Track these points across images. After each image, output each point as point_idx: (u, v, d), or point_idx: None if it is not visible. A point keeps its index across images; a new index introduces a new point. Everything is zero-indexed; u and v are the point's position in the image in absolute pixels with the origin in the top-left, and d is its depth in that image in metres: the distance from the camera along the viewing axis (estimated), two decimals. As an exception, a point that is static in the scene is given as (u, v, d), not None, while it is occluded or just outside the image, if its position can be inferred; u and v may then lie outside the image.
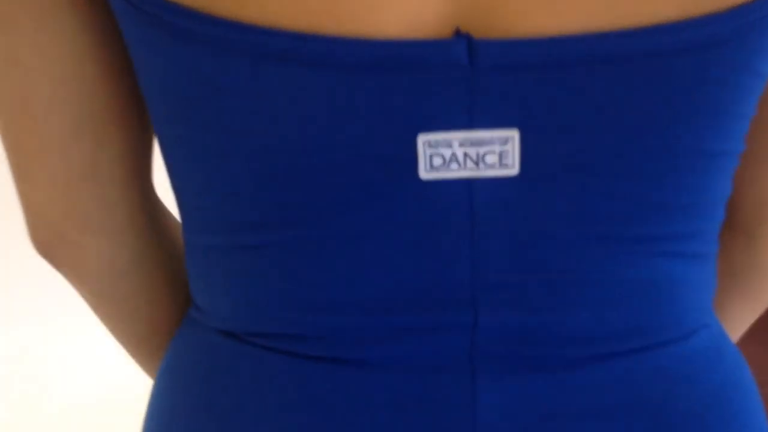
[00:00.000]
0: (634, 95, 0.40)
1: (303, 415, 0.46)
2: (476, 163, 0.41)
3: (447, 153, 0.40)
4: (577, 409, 0.45)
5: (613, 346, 0.46)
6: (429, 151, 0.40)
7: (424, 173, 0.41)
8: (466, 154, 0.40)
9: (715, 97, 0.41)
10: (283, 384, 0.47)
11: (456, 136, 0.40)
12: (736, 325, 0.62)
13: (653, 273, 0.45)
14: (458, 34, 0.38)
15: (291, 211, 0.43)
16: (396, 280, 0.44)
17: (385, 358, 0.45)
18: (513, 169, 0.41)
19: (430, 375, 0.45)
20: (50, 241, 0.51)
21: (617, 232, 0.43)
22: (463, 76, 0.39)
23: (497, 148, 0.40)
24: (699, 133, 0.42)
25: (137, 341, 0.59)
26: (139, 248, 0.53)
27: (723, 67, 0.40)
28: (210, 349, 0.50)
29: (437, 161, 0.41)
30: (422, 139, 0.40)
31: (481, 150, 0.40)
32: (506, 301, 0.44)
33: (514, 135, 0.40)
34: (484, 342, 0.45)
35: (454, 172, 0.41)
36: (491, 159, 0.41)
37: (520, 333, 0.45)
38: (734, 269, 0.57)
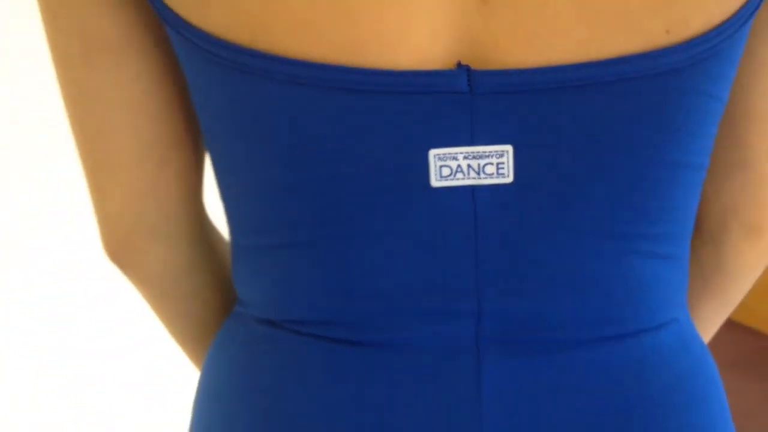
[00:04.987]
0: (608, 115, 0.45)
1: (333, 391, 0.52)
2: (477, 173, 0.46)
3: (453, 165, 0.46)
4: (563, 386, 0.51)
5: (593, 332, 0.50)
6: (439, 163, 0.46)
7: (435, 182, 0.47)
8: (469, 166, 0.46)
9: (677, 117, 0.46)
10: (315, 365, 0.52)
11: (461, 150, 0.46)
12: (708, 325, 0.67)
13: (628, 269, 0.50)
14: (459, 66, 0.45)
15: (321, 213, 0.49)
16: (411, 273, 0.49)
17: (402, 342, 0.51)
18: (508, 177, 0.46)
19: (441, 356, 0.51)
20: (119, 248, 0.58)
21: (597, 231, 0.48)
22: (465, 101, 0.45)
23: (495, 160, 0.46)
24: (664, 147, 0.47)
25: (189, 337, 0.66)
26: (193, 255, 0.61)
27: (681, 91, 0.45)
28: (251, 336, 0.56)
29: (445, 171, 0.46)
30: (433, 153, 0.46)
31: (482, 162, 0.46)
32: (506, 291, 0.49)
33: (508, 149, 0.46)
34: (488, 328, 0.50)
35: (460, 181, 0.46)
36: (490, 169, 0.46)
37: (519, 320, 0.50)
38: (704, 273, 0.62)
